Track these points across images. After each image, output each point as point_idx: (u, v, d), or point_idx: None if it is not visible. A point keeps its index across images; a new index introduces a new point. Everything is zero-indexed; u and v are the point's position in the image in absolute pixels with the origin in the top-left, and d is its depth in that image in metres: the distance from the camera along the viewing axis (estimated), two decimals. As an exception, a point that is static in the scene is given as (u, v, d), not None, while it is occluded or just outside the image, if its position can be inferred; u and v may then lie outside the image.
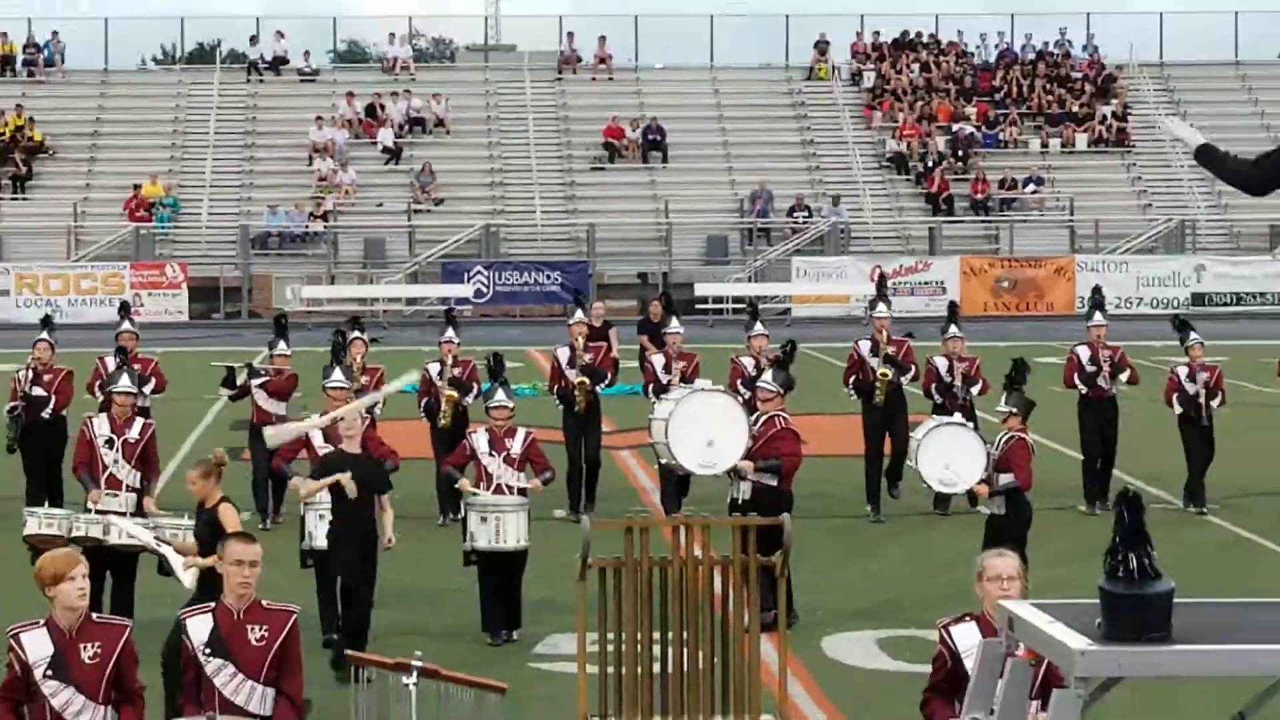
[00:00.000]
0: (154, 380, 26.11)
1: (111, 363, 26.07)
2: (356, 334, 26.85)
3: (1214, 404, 26.59)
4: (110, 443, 20.22)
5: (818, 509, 24.11)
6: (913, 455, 21.14)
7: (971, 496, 20.59)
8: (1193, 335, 27.01)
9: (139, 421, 20.77)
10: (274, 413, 26.25)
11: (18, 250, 64.84)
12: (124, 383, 22.52)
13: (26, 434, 26.44)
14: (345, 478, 17.71)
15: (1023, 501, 19.74)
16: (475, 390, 23.13)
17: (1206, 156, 10.48)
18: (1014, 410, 20.19)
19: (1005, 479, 19.59)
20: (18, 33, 75.21)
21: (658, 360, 27.03)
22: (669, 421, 20.89)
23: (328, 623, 18.80)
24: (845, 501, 26.58)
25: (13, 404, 26.89)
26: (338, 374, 22.73)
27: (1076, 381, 27.16)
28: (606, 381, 27.52)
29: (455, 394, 25.25)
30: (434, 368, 26.62)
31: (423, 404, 26.67)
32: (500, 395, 20.78)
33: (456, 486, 19.79)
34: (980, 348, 27.25)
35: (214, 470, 17.09)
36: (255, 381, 26.59)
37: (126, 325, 28.38)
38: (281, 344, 27.17)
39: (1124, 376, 27.14)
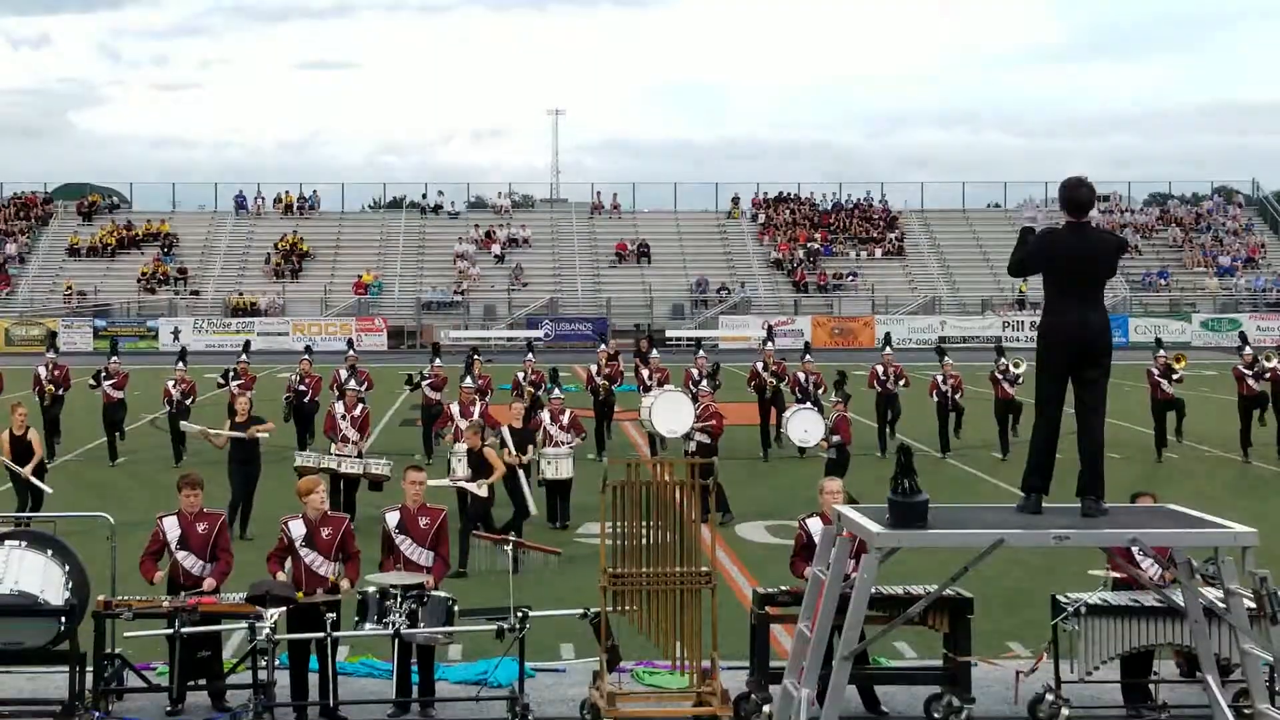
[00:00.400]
0: (367, 382, 25.97)
1: (344, 373, 25.90)
2: (477, 355, 26.63)
3: (956, 396, 27.02)
4: (344, 417, 20.24)
5: (733, 454, 23.88)
6: (785, 424, 21.50)
7: (818, 447, 21.01)
8: (946, 359, 27.66)
9: (360, 405, 20.82)
10: (434, 398, 26.07)
11: (294, 310, 64.74)
12: (352, 384, 22.96)
13: (296, 411, 26.55)
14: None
15: (845, 450, 20.09)
16: (543, 388, 23.33)
17: (1022, 234, 9.64)
18: (840, 399, 20.78)
19: (835, 438, 20.12)
20: (294, 189, 75.25)
21: (644, 373, 27.41)
22: (652, 407, 21.57)
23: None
24: (747, 450, 26.30)
25: (287, 394, 27.08)
26: (468, 379, 22.61)
27: (875, 384, 27.52)
28: (617, 383, 28.06)
29: (532, 389, 25.24)
30: (520, 374, 26.80)
31: (513, 394, 26.18)
32: (556, 391, 21.82)
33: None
34: (821, 366, 27.13)
35: (480, 430, 18.25)
36: (425, 382, 26.48)
37: (351, 351, 29.15)
38: (437, 360, 27.16)
39: (903, 382, 27.39)
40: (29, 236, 71.04)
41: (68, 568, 10.97)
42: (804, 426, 21.40)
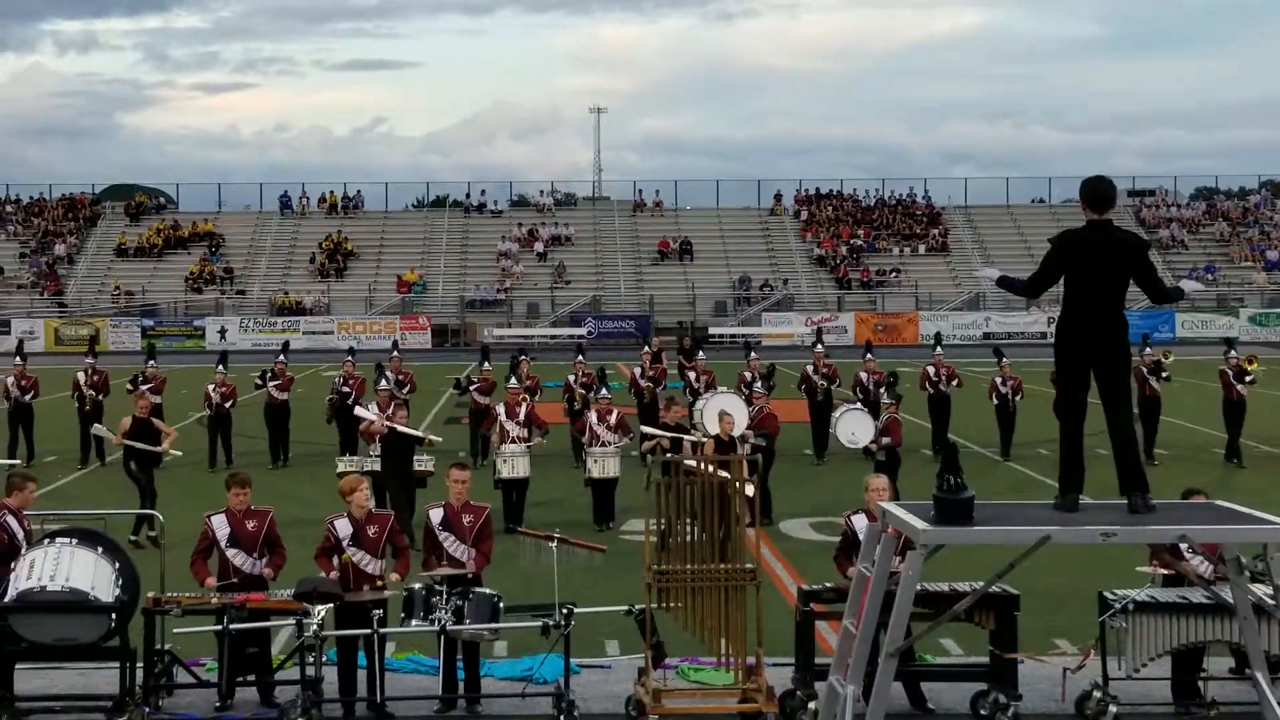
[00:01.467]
0: (410, 385, 25.90)
1: (383, 378, 24.16)
2: (524, 356, 26.50)
3: (1017, 398, 26.55)
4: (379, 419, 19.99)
5: (787, 453, 23.64)
6: (834, 426, 21.39)
7: (867, 450, 20.75)
8: (1004, 359, 27.22)
9: (393, 404, 20.08)
10: (483, 403, 25.12)
11: (339, 309, 65.09)
12: (383, 383, 22.36)
13: (338, 413, 25.40)
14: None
15: (895, 452, 20.14)
16: (592, 390, 23.14)
17: (1003, 283, 10.02)
18: (892, 400, 21.00)
19: (886, 440, 20.02)
20: (338, 189, 75.72)
21: (691, 375, 27.08)
22: (703, 410, 20.82)
23: (506, 515, 18.60)
24: (796, 450, 25.98)
25: (331, 396, 26.11)
26: (513, 380, 22.47)
27: (927, 385, 27.10)
28: (661, 385, 27.29)
29: (584, 392, 24.80)
30: (571, 377, 26.32)
31: (565, 396, 26.59)
32: (604, 391, 21.11)
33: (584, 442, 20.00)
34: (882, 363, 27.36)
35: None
36: (473, 387, 26.06)
37: (395, 354, 27.88)
38: (486, 364, 26.46)
39: (955, 382, 27.06)
40: (77, 237, 71.77)
41: (117, 565, 11.05)
42: (852, 429, 20.83)
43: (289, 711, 10.72)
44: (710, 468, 11.98)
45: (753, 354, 27.00)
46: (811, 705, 10.61)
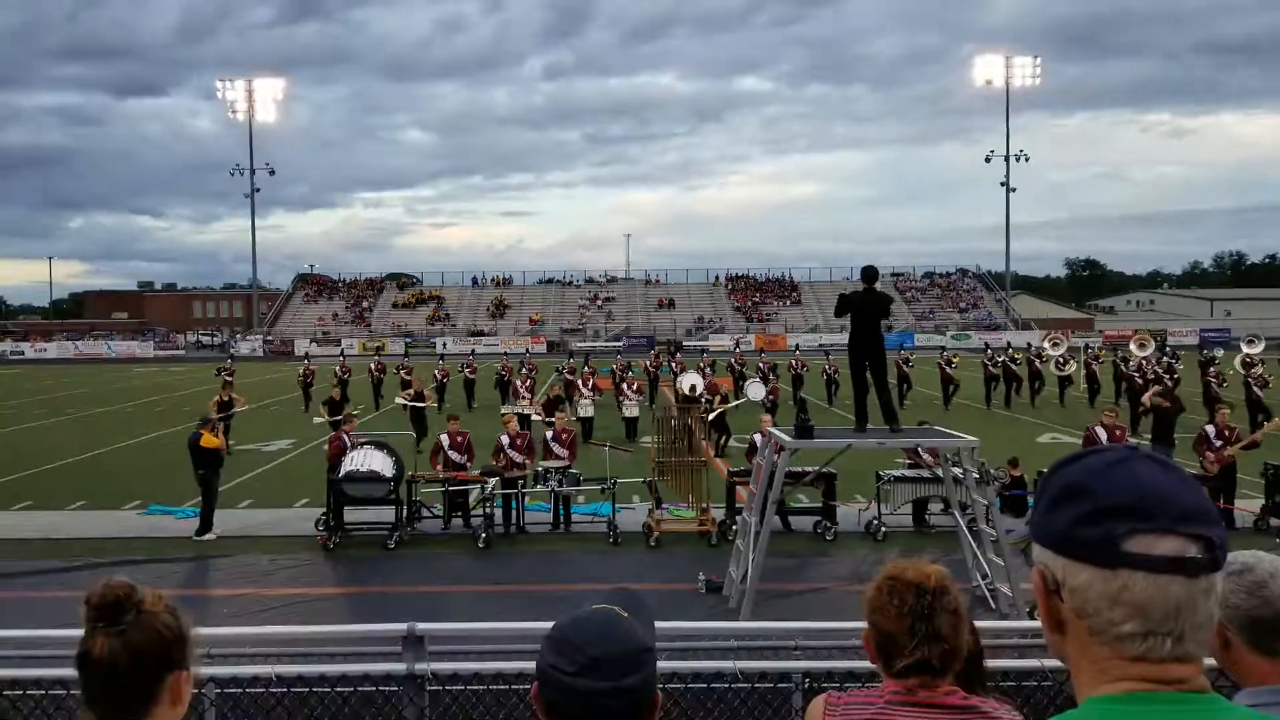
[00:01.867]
0: (536, 371, 24.53)
1: (522, 369, 22.72)
2: (581, 359, 25.06)
3: (836, 375, 23.75)
4: (524, 384, 19.24)
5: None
6: (745, 389, 18.64)
7: (763, 403, 18.65)
8: (830, 355, 25.02)
9: (530, 380, 19.18)
10: (572, 379, 21.79)
11: (502, 333, 64.16)
12: (522, 373, 21.43)
13: (502, 385, 23.86)
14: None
15: (775, 403, 18.94)
16: (661, 369, 21.54)
17: (837, 314, 9.17)
18: (774, 378, 19.67)
19: (770, 397, 18.84)
20: (500, 273, 74.42)
21: (674, 365, 25.35)
22: (681, 380, 18.15)
23: (583, 435, 17.77)
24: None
25: (500, 373, 24.79)
26: (587, 368, 21.58)
27: (790, 369, 25.11)
28: (659, 368, 25.74)
29: (653, 369, 23.98)
30: (646, 362, 25.19)
31: (612, 376, 23.80)
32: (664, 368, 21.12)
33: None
34: (753, 359, 25.58)
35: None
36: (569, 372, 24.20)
37: (528, 353, 27.31)
38: (571, 359, 25.15)
39: (805, 369, 24.99)
40: (372, 299, 71.78)
41: (394, 458, 11.08)
42: (754, 390, 18.33)
43: (478, 530, 10.76)
44: (684, 410, 11.96)
45: (705, 354, 26.60)
46: (735, 528, 10.59)
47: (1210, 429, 11.22)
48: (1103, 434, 10.76)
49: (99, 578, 1.36)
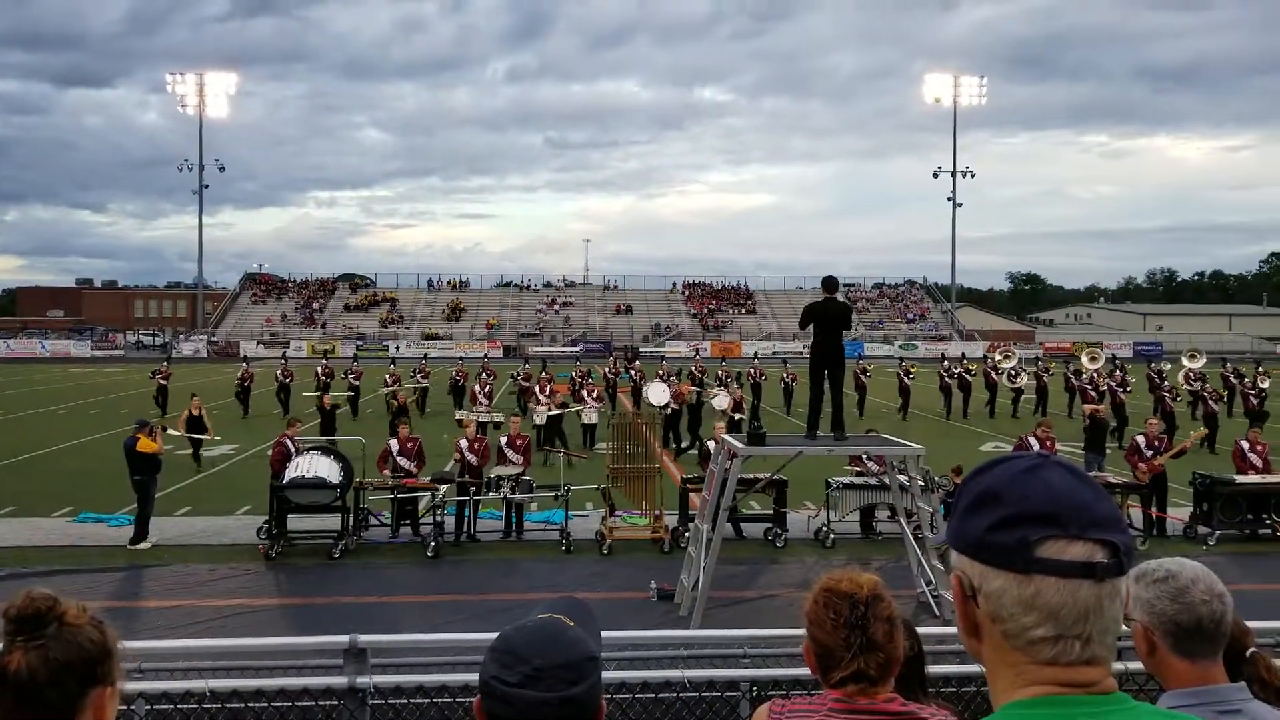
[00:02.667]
0: (493, 376, 24.53)
1: (482, 374, 21.98)
2: (541, 364, 24.03)
3: (794, 384, 23.69)
4: (482, 390, 18.70)
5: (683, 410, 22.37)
6: (645, 393, 18.36)
7: (725, 412, 19.29)
8: (787, 363, 25.87)
9: (489, 385, 18.50)
10: (527, 385, 21.85)
11: (457, 336, 63.65)
12: (481, 377, 20.92)
13: (455, 389, 23.68)
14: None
15: (741, 408, 18.72)
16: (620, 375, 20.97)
17: (801, 326, 8.87)
18: (739, 385, 19.07)
19: (730, 400, 18.19)
20: (456, 276, 73.71)
21: (632, 371, 25.27)
22: (648, 390, 17.54)
23: (538, 442, 17.57)
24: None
25: (453, 378, 24.42)
26: (544, 374, 20.83)
27: (749, 377, 24.95)
28: (618, 375, 25.18)
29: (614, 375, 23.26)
30: (605, 369, 24.27)
31: (570, 382, 23.80)
32: (594, 375, 19.78)
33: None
34: (711, 365, 25.58)
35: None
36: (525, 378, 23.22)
37: (486, 358, 26.28)
38: (526, 365, 25.43)
39: (763, 377, 24.26)
40: (323, 300, 70.35)
41: (341, 464, 10.87)
42: (657, 393, 17.08)
43: (428, 539, 10.61)
44: (638, 417, 11.96)
45: (663, 360, 26.24)
46: (687, 535, 10.60)
47: (1141, 439, 11.56)
48: (1034, 444, 10.99)
49: (22, 589, 1.30)
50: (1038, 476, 0.96)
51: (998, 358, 26.57)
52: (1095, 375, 22.93)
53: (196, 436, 15.66)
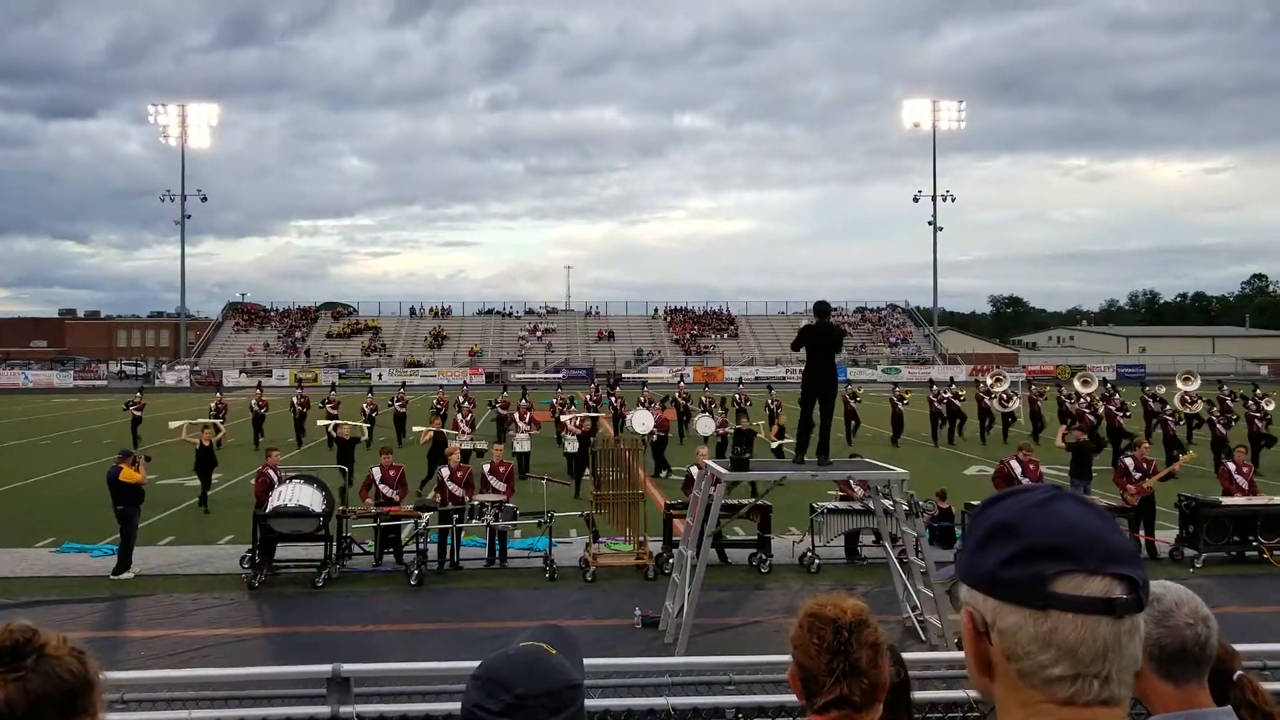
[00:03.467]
0: (473, 404, 23.78)
1: (462, 400, 21.44)
2: (522, 390, 25.00)
3: (780, 410, 21.88)
4: (464, 419, 18.49)
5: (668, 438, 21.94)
6: (629, 420, 18.43)
7: (709, 438, 19.37)
8: (773, 389, 23.03)
9: (471, 414, 18.53)
10: (506, 413, 21.86)
11: (440, 363, 63.35)
12: (464, 406, 20.88)
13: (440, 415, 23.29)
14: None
15: (727, 435, 18.69)
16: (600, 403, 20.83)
17: (794, 348, 8.69)
18: (723, 411, 18.96)
19: (714, 427, 18.28)
20: (439, 303, 73.65)
21: (613, 398, 24.83)
22: (632, 418, 17.63)
23: (519, 470, 17.44)
24: (674, 436, 22.68)
25: (435, 406, 23.11)
26: (524, 401, 20.85)
27: (733, 403, 24.83)
28: (599, 401, 24.93)
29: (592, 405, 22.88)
30: (586, 396, 24.08)
31: (551, 410, 23.43)
32: (572, 405, 19.90)
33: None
34: (695, 391, 25.45)
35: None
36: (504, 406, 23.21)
37: (466, 384, 25.98)
38: (505, 392, 24.72)
39: (748, 403, 23.40)
40: (306, 329, 70.06)
41: (324, 492, 10.82)
42: (641, 421, 17.22)
43: (411, 567, 10.51)
44: (621, 443, 11.96)
45: (645, 387, 25.64)
46: (671, 561, 10.55)
47: (1129, 462, 11.57)
48: (1017, 468, 11.00)
49: (2, 620, 1.28)
50: (1051, 509, 0.93)
51: (989, 382, 26.15)
52: (1090, 398, 22.68)
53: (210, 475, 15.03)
